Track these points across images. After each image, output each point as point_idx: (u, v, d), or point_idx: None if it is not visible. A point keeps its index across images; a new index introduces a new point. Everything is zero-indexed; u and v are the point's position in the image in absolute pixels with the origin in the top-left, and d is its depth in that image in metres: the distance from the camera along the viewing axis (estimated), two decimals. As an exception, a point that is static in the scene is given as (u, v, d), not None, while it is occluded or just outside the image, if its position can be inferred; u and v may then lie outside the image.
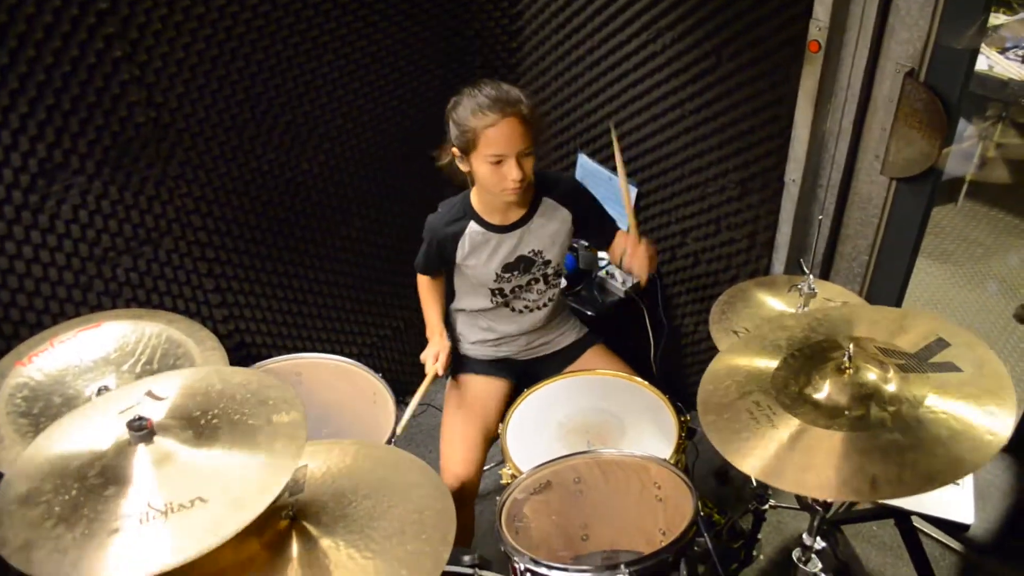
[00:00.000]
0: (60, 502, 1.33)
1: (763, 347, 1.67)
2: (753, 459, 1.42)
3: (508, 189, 2.11)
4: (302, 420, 1.51)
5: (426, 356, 2.38)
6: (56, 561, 1.25)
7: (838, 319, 1.71)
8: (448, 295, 2.53)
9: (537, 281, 2.37)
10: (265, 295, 2.76)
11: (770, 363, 1.62)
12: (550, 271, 2.37)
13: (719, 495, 2.92)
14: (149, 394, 1.53)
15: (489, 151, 2.06)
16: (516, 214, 2.28)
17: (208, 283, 2.58)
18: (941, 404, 1.42)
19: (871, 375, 1.50)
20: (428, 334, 2.47)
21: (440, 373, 2.34)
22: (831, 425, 1.43)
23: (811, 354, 1.62)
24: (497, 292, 2.36)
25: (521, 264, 2.31)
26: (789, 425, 1.46)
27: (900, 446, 1.36)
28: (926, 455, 1.33)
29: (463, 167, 2.17)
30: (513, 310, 2.43)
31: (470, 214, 2.27)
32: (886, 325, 1.65)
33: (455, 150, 2.15)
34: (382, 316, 3.20)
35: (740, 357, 1.68)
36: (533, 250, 2.31)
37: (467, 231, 2.27)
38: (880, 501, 2.03)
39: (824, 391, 1.52)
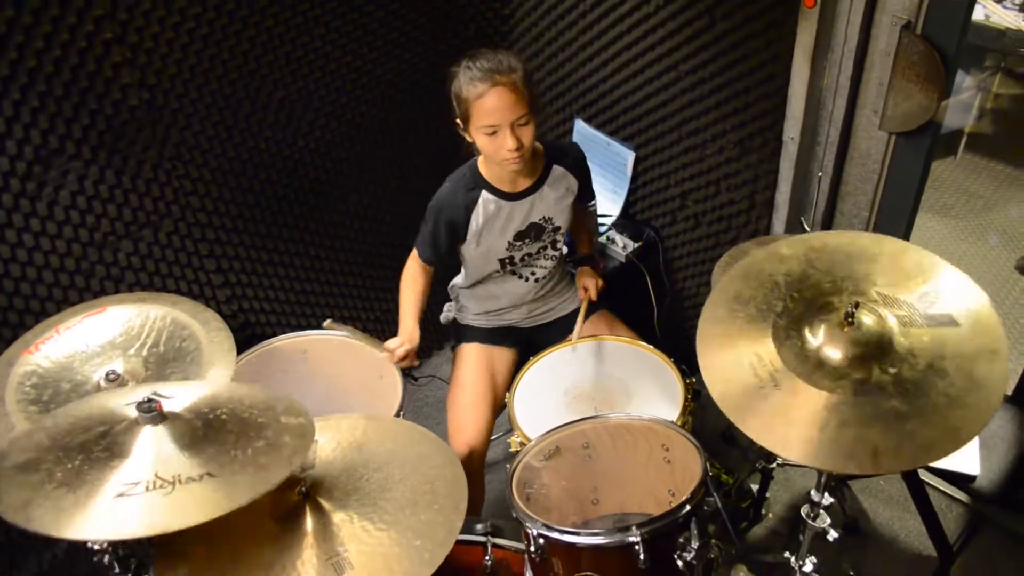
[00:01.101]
0: (63, 470, 1.35)
1: (761, 284, 1.62)
2: (758, 424, 1.42)
3: (506, 159, 2.10)
4: (310, 424, 1.54)
5: (392, 343, 2.24)
6: (55, 517, 1.27)
7: (836, 252, 1.63)
8: (440, 274, 2.50)
9: (546, 248, 2.38)
10: (267, 274, 2.76)
11: (770, 310, 1.57)
12: (559, 237, 2.38)
13: (726, 456, 2.94)
14: (155, 395, 1.54)
15: (482, 122, 2.05)
16: (526, 181, 2.27)
17: (210, 264, 2.58)
18: (940, 367, 1.41)
19: (872, 325, 1.49)
20: (400, 320, 2.32)
21: (396, 361, 2.23)
22: (834, 388, 1.42)
23: (812, 297, 1.57)
24: (507, 261, 2.36)
25: (532, 232, 2.32)
26: (792, 385, 1.44)
27: (900, 414, 1.36)
28: (925, 424, 1.34)
29: (467, 138, 2.17)
30: (521, 277, 2.43)
31: (481, 183, 2.25)
32: (883, 262, 1.59)
33: (458, 121, 2.15)
34: (384, 291, 3.20)
35: (738, 297, 1.62)
36: (544, 217, 2.31)
37: (480, 200, 2.24)
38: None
39: (824, 344, 1.49)
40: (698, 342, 1.57)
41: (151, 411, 1.43)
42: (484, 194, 2.25)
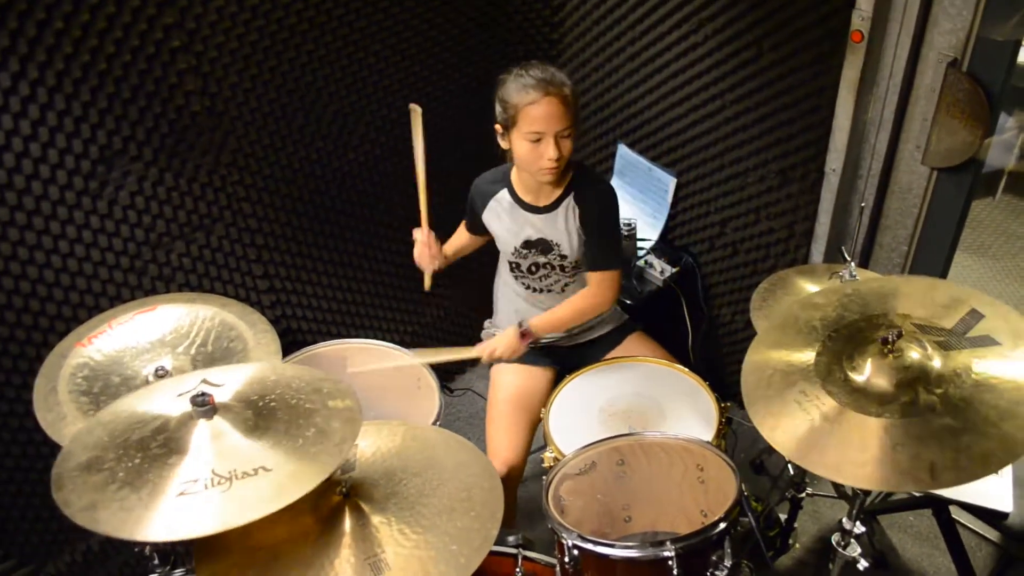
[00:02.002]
0: (124, 468, 1.39)
1: (798, 330, 1.67)
2: (810, 455, 1.44)
3: (544, 168, 2.14)
4: (357, 406, 1.57)
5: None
6: (122, 519, 1.30)
7: (868, 294, 1.70)
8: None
9: (554, 269, 2.39)
10: (311, 282, 2.82)
11: (809, 349, 1.62)
12: (567, 264, 2.38)
13: (755, 484, 2.94)
14: (205, 382, 1.58)
15: (528, 128, 2.10)
16: (545, 200, 2.31)
17: (257, 269, 2.64)
18: (986, 382, 1.43)
19: (914, 354, 1.51)
20: None
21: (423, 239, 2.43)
22: (882, 412, 1.44)
23: (849, 335, 1.62)
24: (515, 267, 2.41)
25: (540, 245, 2.36)
26: (841, 416, 1.47)
27: (953, 430, 1.37)
28: (979, 437, 1.35)
29: (503, 144, 2.22)
30: (537, 291, 2.46)
31: (506, 183, 2.35)
32: (917, 297, 1.64)
33: (498, 126, 2.20)
34: (425, 304, 3.25)
35: (778, 343, 1.68)
36: (553, 240, 2.34)
37: (498, 195, 2.36)
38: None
39: (868, 375, 1.53)
40: (744, 391, 1.61)
41: (204, 404, 1.47)
42: (503, 192, 2.34)
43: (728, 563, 1.67)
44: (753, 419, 1.54)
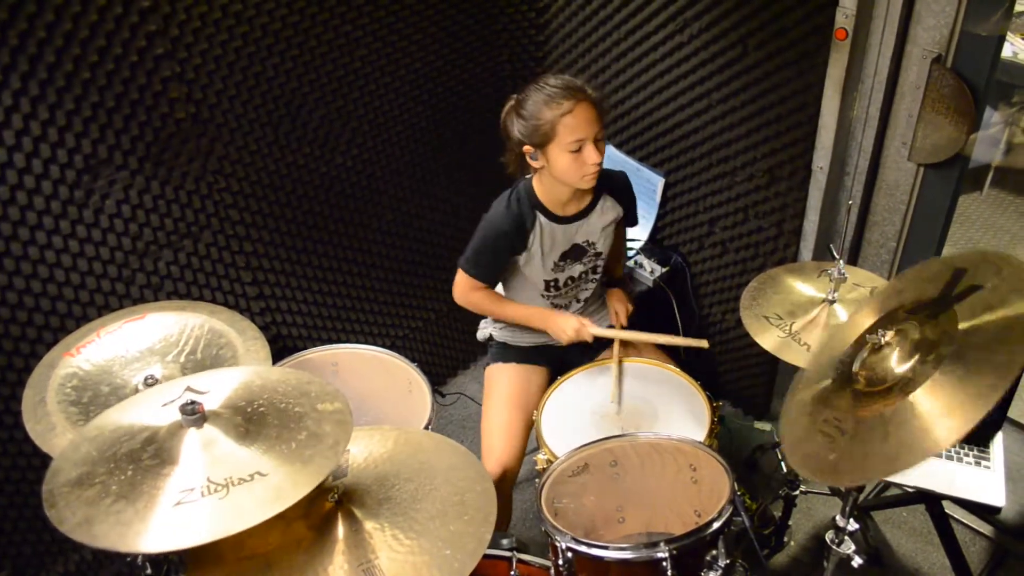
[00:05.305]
0: (117, 481, 1.37)
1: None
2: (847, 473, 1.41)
3: (588, 175, 2.14)
4: (346, 408, 1.57)
5: (569, 335, 2.34)
6: (120, 533, 1.29)
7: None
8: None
9: (587, 273, 2.41)
10: (300, 287, 2.81)
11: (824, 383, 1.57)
12: (600, 262, 2.41)
13: (749, 482, 2.94)
14: (189, 390, 1.57)
15: (570, 138, 2.08)
16: (576, 207, 2.31)
17: (246, 276, 2.63)
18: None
19: (898, 356, 1.48)
20: (540, 324, 2.41)
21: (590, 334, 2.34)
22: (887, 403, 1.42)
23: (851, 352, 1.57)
24: (552, 284, 2.39)
25: (574, 252, 2.35)
26: (854, 422, 1.43)
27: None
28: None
29: (536, 164, 2.19)
30: (567, 307, 2.47)
31: (538, 206, 2.29)
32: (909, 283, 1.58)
33: (527, 148, 2.16)
34: (414, 308, 3.24)
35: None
36: (586, 240, 2.35)
37: (536, 225, 2.28)
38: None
39: (868, 373, 1.50)
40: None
41: (194, 413, 1.46)
42: (540, 217, 2.29)
43: (722, 563, 1.67)
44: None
